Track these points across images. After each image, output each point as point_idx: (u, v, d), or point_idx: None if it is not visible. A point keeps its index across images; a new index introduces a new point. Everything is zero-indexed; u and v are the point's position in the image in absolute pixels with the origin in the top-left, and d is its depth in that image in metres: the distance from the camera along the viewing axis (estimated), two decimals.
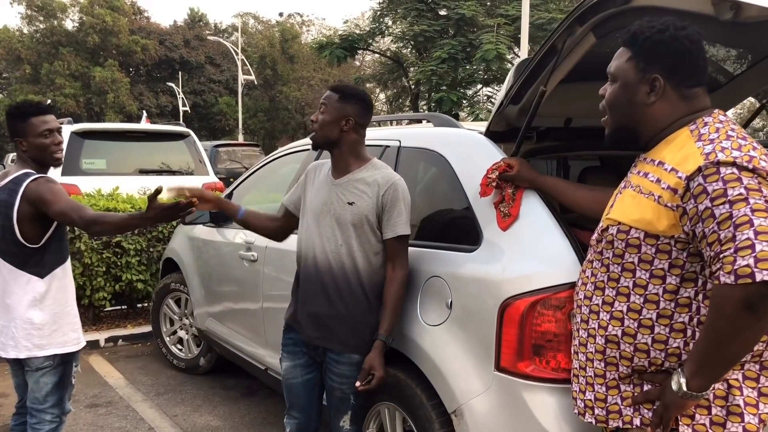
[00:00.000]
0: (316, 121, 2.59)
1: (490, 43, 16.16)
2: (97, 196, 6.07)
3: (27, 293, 2.67)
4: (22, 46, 41.99)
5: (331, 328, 2.56)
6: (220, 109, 45.53)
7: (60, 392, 2.79)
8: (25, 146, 2.70)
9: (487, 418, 2.25)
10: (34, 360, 2.71)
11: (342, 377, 2.59)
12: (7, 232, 2.64)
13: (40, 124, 2.69)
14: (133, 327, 6.02)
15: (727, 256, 1.48)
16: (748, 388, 1.65)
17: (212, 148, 14.10)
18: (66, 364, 2.79)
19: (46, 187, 2.63)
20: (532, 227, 2.32)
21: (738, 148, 1.58)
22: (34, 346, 2.68)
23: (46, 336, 2.69)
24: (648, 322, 1.70)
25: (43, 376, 2.73)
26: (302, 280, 2.65)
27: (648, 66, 1.76)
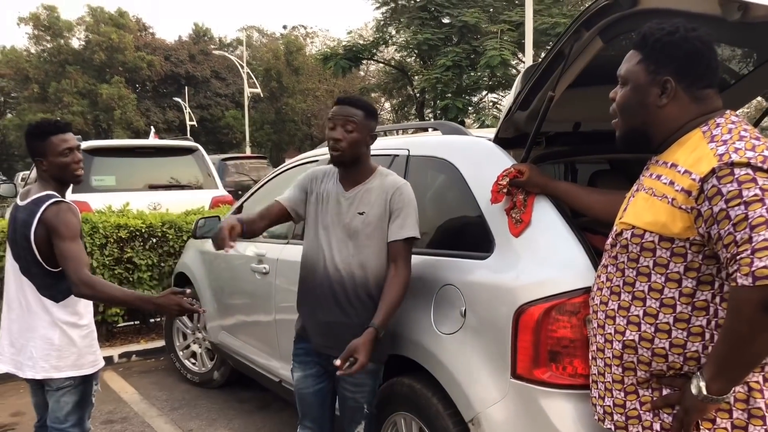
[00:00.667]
0: (342, 140, 2.52)
1: (494, 49, 16.19)
2: (108, 212, 6.11)
3: (47, 314, 2.67)
4: (29, 66, 42.40)
5: (343, 336, 2.55)
6: (226, 123, 45.75)
7: (80, 411, 2.79)
8: (45, 166, 2.70)
9: (504, 426, 2.23)
10: (55, 380, 2.71)
11: (356, 386, 2.59)
12: (27, 252, 2.65)
13: (60, 143, 2.68)
14: (146, 342, 6.03)
15: (744, 258, 1.47)
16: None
17: (220, 161, 14.13)
18: (86, 384, 2.79)
19: (64, 219, 2.61)
20: (544, 233, 2.31)
21: (752, 148, 1.57)
22: (51, 367, 2.68)
23: (64, 358, 2.69)
24: (665, 326, 1.69)
25: (64, 396, 2.73)
26: (311, 290, 2.64)
27: (659, 68, 1.75)
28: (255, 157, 17.16)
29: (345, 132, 2.52)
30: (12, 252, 2.74)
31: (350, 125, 2.52)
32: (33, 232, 2.61)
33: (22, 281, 2.71)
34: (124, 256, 5.75)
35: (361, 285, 2.54)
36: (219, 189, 8.30)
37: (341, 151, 2.53)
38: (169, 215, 6.20)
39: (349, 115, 2.53)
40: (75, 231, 2.64)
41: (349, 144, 2.53)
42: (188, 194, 7.75)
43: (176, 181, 8.10)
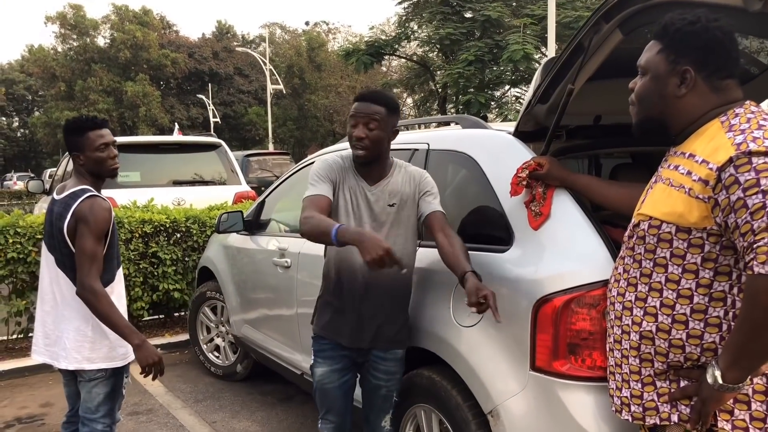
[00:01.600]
0: (365, 138, 2.49)
1: (516, 43, 16.08)
2: (133, 207, 6.20)
3: (82, 306, 2.71)
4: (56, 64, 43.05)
5: (380, 329, 2.59)
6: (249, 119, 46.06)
7: (111, 402, 2.85)
8: (82, 160, 2.76)
9: (523, 418, 2.25)
10: (87, 371, 2.77)
11: (388, 374, 2.63)
12: (62, 244, 2.71)
13: (97, 138, 2.75)
14: (171, 336, 6.12)
15: (761, 246, 1.47)
16: None
17: (243, 157, 14.25)
18: (117, 376, 2.85)
19: (96, 214, 2.65)
20: (563, 226, 2.31)
21: None
22: (84, 358, 2.74)
23: (96, 350, 2.74)
24: (682, 317, 1.69)
25: (96, 387, 2.79)
26: (348, 287, 2.61)
27: (679, 58, 1.75)
28: (278, 153, 17.24)
29: (367, 130, 2.49)
30: (47, 245, 2.80)
31: (373, 123, 2.50)
32: (66, 225, 2.67)
33: (57, 273, 2.77)
34: (149, 250, 5.83)
35: (396, 277, 2.55)
36: (242, 185, 8.36)
37: (365, 149, 2.51)
38: (192, 210, 6.27)
39: (372, 113, 2.50)
40: (102, 229, 2.68)
41: (372, 142, 2.51)
42: (212, 190, 7.81)
43: (200, 177, 8.18)
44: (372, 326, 2.60)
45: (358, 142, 2.50)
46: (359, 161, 2.57)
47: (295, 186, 4.44)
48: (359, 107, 2.53)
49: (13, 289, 5.43)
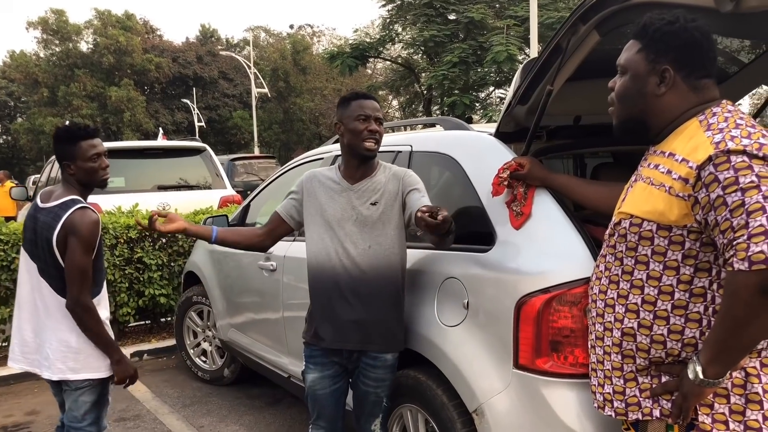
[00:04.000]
0: (378, 132, 2.63)
1: (500, 44, 16.17)
2: (118, 213, 6.18)
3: (66, 316, 2.69)
4: (39, 70, 42.66)
5: (368, 331, 2.59)
6: (235, 123, 45.90)
7: (98, 410, 2.83)
8: (73, 170, 2.73)
9: (507, 416, 2.27)
10: (72, 381, 2.74)
11: (378, 381, 2.64)
12: (47, 254, 2.68)
13: (89, 149, 2.72)
14: (158, 341, 6.10)
15: (741, 243, 1.50)
16: (766, 375, 1.66)
17: (229, 161, 14.23)
18: (103, 384, 2.83)
19: (87, 227, 2.63)
20: (544, 225, 2.34)
21: (747, 136, 1.59)
22: (68, 369, 2.72)
23: (81, 360, 2.72)
24: (663, 313, 1.72)
25: (82, 395, 2.77)
26: (328, 290, 2.62)
27: (658, 57, 1.77)
28: (263, 156, 17.25)
29: (378, 125, 2.63)
30: (30, 253, 2.76)
31: (380, 120, 2.64)
32: (56, 236, 2.63)
33: (39, 282, 2.73)
34: (135, 256, 5.81)
35: (383, 276, 2.57)
36: (227, 189, 8.36)
37: (377, 143, 2.63)
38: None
39: (378, 110, 2.65)
40: (93, 242, 2.67)
41: (381, 136, 2.64)
42: (197, 194, 7.81)
43: (185, 181, 8.16)
44: (352, 328, 2.60)
45: (372, 136, 2.61)
46: (370, 155, 2.64)
47: (280, 189, 4.45)
48: (369, 104, 2.64)
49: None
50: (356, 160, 2.66)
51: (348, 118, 2.63)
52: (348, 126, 2.62)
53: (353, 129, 2.60)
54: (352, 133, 2.61)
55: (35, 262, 2.74)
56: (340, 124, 2.66)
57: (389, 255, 2.58)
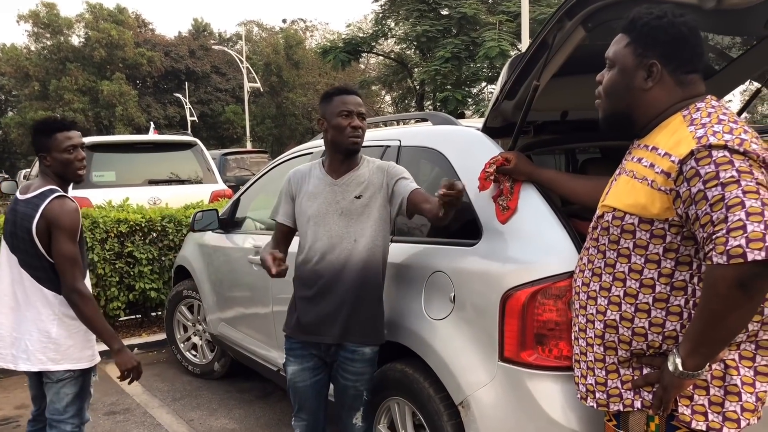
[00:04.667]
0: (361, 127, 2.64)
1: (492, 40, 16.18)
2: (108, 207, 6.17)
3: (46, 307, 2.71)
4: (30, 64, 42.41)
5: (348, 324, 2.61)
6: (227, 118, 45.79)
7: (80, 402, 2.84)
8: (49, 161, 2.75)
9: (493, 408, 2.29)
10: (54, 373, 2.75)
11: (356, 374, 2.65)
12: (28, 245, 2.69)
13: (65, 140, 2.74)
14: (148, 335, 6.10)
15: (720, 237, 1.52)
16: (745, 367, 1.68)
17: (221, 156, 14.19)
18: (85, 376, 2.84)
19: (67, 215, 2.65)
20: (530, 219, 2.36)
21: (729, 131, 1.61)
22: (49, 359, 2.72)
23: (61, 351, 2.73)
24: (645, 306, 1.74)
25: (64, 387, 2.78)
26: (312, 283, 2.65)
27: (646, 51, 1.78)
28: (256, 151, 17.21)
29: (361, 120, 2.64)
30: (10, 246, 2.77)
31: (363, 115, 2.65)
32: (35, 226, 2.65)
33: (21, 274, 2.74)
34: (125, 250, 5.81)
35: (365, 269, 2.59)
36: (218, 183, 8.36)
37: (361, 138, 2.65)
38: (168, 210, 6.26)
39: (361, 105, 2.67)
40: (76, 229, 2.69)
41: (364, 132, 2.66)
42: (188, 189, 7.81)
43: (176, 176, 8.16)
44: (332, 322, 2.61)
45: (355, 132, 2.62)
46: (354, 149, 2.67)
47: (270, 184, 4.46)
48: (351, 100, 2.65)
49: None
50: (340, 155, 2.68)
51: (331, 114, 2.64)
52: (331, 122, 2.64)
53: (336, 125, 2.62)
54: (336, 129, 2.63)
55: (16, 254, 2.75)
56: (323, 120, 2.68)
57: (372, 248, 2.60)
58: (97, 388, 4.82)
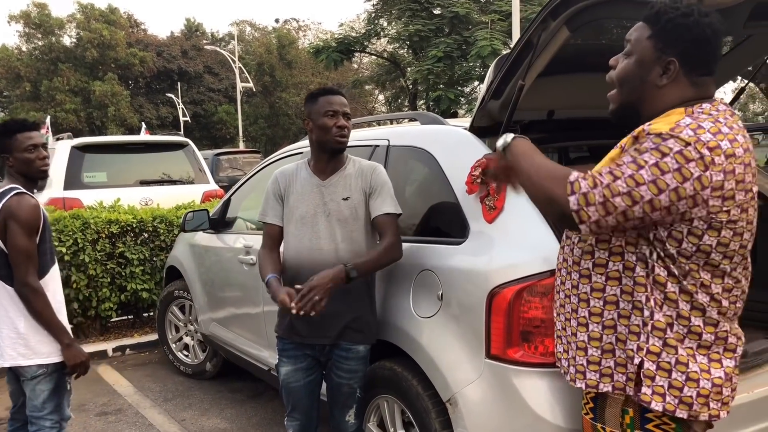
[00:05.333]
0: (346, 127, 2.67)
1: (484, 39, 16.23)
2: (99, 208, 6.16)
3: (12, 304, 2.76)
4: (21, 64, 42.22)
5: (341, 325, 2.62)
6: (220, 118, 45.69)
7: (57, 398, 2.87)
8: (11, 161, 2.82)
9: (480, 405, 2.32)
10: (28, 369, 2.79)
11: (351, 372, 2.67)
12: None
13: (25, 140, 2.81)
14: (140, 336, 6.10)
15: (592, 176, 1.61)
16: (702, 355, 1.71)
17: (213, 156, 14.19)
18: (60, 371, 2.86)
19: (25, 210, 2.69)
20: (516, 218, 2.38)
21: (715, 133, 1.58)
22: (19, 355, 2.77)
23: (30, 346, 2.77)
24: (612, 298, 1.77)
25: (39, 384, 2.81)
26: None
27: (666, 48, 1.73)
28: (248, 151, 17.22)
29: (346, 120, 2.66)
30: None
31: (348, 114, 2.67)
32: None
33: None
34: (116, 251, 5.81)
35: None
36: (210, 183, 8.36)
37: (346, 138, 2.67)
38: (159, 210, 6.25)
39: (346, 105, 2.69)
40: (33, 224, 2.72)
41: (349, 131, 2.68)
42: (179, 189, 7.80)
43: (167, 176, 8.15)
44: (324, 322, 2.61)
45: (341, 132, 2.65)
46: (339, 149, 2.69)
47: (260, 184, 4.46)
48: (336, 100, 2.67)
49: None
50: (326, 154, 2.69)
51: (316, 113, 2.66)
52: (317, 122, 2.66)
53: (322, 125, 2.64)
54: (321, 129, 2.65)
55: None
56: (309, 120, 2.70)
57: (361, 250, 2.61)
58: (89, 389, 4.85)
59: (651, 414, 1.74)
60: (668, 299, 1.69)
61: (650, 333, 1.70)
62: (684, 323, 1.69)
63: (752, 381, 2.45)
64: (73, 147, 7.65)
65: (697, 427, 1.74)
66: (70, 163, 7.47)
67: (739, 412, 2.32)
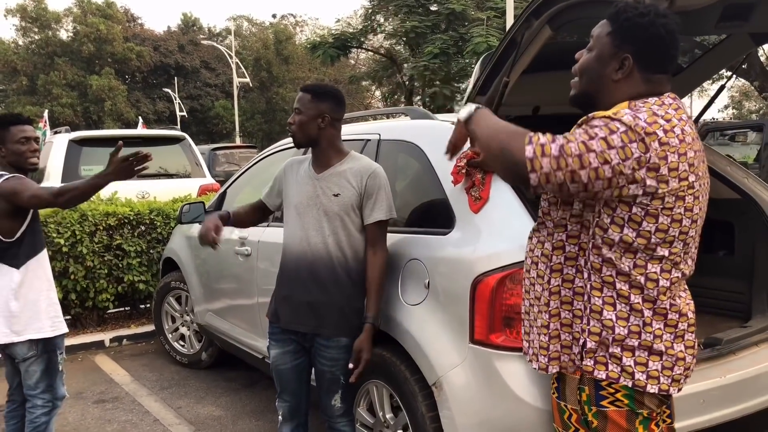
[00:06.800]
0: (293, 123, 2.73)
1: (480, 36, 16.26)
2: (96, 201, 6.24)
3: (5, 283, 2.91)
4: (17, 58, 42.17)
5: (321, 315, 2.71)
6: (216, 113, 45.69)
7: (49, 378, 3.02)
8: (4, 152, 2.97)
9: (464, 388, 2.42)
10: (18, 350, 2.94)
11: (332, 360, 2.74)
12: None
13: (18, 132, 2.97)
14: (137, 327, 6.19)
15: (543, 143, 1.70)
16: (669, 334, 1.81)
17: (210, 151, 14.25)
18: (51, 352, 3.02)
19: (16, 181, 2.89)
20: (500, 210, 2.48)
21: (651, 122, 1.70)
22: (12, 332, 2.93)
23: (22, 323, 2.93)
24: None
25: (31, 365, 2.98)
26: (290, 271, 2.77)
27: (623, 44, 1.82)
28: (245, 146, 17.29)
29: (295, 115, 2.74)
30: None
31: (297, 109, 2.74)
32: None
33: None
34: (114, 243, 5.89)
35: (340, 264, 2.69)
36: (206, 177, 8.44)
37: (292, 133, 2.78)
38: (156, 203, 6.33)
39: (298, 100, 2.75)
40: (29, 183, 2.91)
41: (297, 126, 2.73)
42: (176, 183, 7.86)
43: (164, 170, 8.22)
44: (309, 312, 2.71)
45: (288, 128, 2.80)
46: (295, 144, 2.84)
47: (256, 177, 4.56)
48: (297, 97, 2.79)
49: None
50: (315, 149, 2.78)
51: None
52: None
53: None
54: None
55: None
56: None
57: (345, 245, 2.69)
58: (87, 378, 4.95)
59: (605, 391, 1.83)
60: (606, 282, 1.80)
61: (590, 315, 1.83)
62: (624, 302, 1.79)
63: (725, 366, 2.56)
64: (71, 141, 7.72)
65: (650, 402, 1.81)
66: (67, 156, 7.54)
67: (712, 396, 2.44)
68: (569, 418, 1.93)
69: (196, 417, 4.23)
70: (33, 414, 3.00)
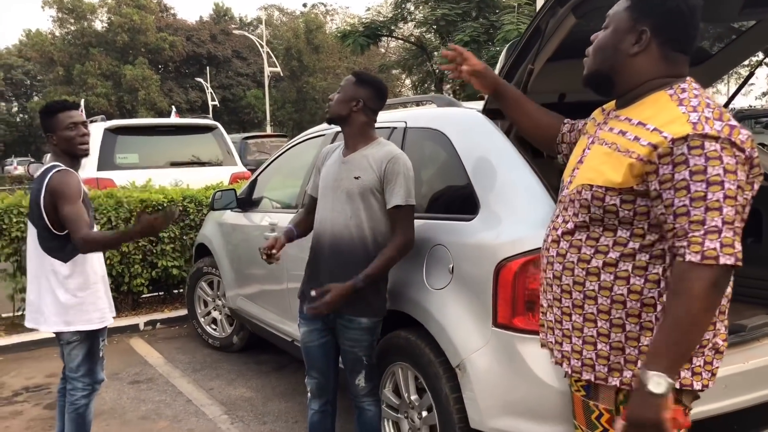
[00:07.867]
0: (332, 100, 2.86)
1: (511, 23, 16.12)
2: (132, 188, 6.40)
3: (54, 275, 2.99)
4: (54, 49, 43.05)
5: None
6: (248, 102, 46.13)
7: (89, 363, 3.12)
8: (55, 140, 3.02)
9: (487, 370, 2.47)
10: (64, 335, 3.05)
11: (352, 341, 2.82)
12: (38, 218, 2.96)
13: (66, 119, 3.00)
14: (170, 311, 6.35)
15: (696, 237, 1.59)
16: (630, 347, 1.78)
17: (242, 140, 14.39)
18: (93, 339, 3.11)
19: (65, 183, 2.89)
20: (523, 195, 2.52)
21: (719, 117, 1.64)
22: (63, 322, 3.01)
23: (71, 314, 3.01)
24: (624, 273, 1.78)
25: (73, 350, 3.08)
26: (317, 253, 2.87)
27: (641, 17, 1.78)
28: (275, 135, 17.42)
29: (336, 93, 2.86)
30: (30, 220, 3.05)
31: (340, 88, 2.86)
32: (42, 200, 2.91)
33: (36, 246, 3.02)
34: None
35: (361, 245, 2.75)
36: (238, 165, 8.55)
37: (328, 107, 2.90)
38: (189, 190, 6.47)
39: (344, 81, 2.88)
40: (74, 193, 2.92)
41: (334, 102, 2.84)
42: (208, 171, 8.00)
43: (197, 158, 8.36)
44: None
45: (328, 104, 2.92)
46: (327, 118, 2.95)
47: (284, 165, 4.64)
48: None
49: (18, 267, 5.65)
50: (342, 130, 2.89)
51: None
52: None
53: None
54: None
55: (35, 227, 3.02)
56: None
57: (366, 227, 2.75)
58: (122, 360, 5.11)
59: None
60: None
61: None
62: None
63: (749, 353, 2.57)
64: (106, 129, 7.89)
65: (686, 400, 1.78)
66: (103, 144, 7.71)
67: (734, 381, 2.46)
68: (598, 418, 1.84)
69: (227, 398, 4.35)
70: (74, 396, 3.11)
